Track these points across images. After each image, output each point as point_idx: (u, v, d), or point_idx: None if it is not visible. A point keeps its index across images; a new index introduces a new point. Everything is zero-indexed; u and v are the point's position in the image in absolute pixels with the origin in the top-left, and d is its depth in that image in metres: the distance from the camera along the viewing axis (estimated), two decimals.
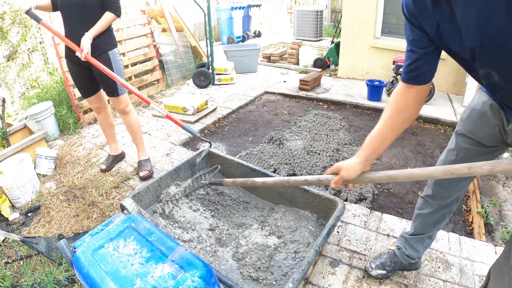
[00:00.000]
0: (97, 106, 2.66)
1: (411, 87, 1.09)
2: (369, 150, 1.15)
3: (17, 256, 1.96)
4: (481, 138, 1.20)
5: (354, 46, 4.99)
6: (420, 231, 1.56)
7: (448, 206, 1.45)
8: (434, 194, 1.44)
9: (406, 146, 3.12)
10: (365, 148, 1.15)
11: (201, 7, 4.56)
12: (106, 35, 2.34)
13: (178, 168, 2.28)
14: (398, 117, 1.12)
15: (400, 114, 1.12)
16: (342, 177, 1.15)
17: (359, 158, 1.15)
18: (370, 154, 1.15)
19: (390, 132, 1.14)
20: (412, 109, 1.12)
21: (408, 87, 1.10)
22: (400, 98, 1.12)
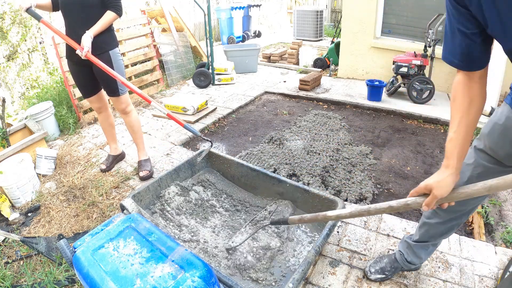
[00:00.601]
0: (98, 106, 2.66)
1: (472, 73, 1.01)
2: (457, 158, 1.03)
3: (17, 256, 1.96)
4: (502, 157, 1.12)
5: (354, 46, 4.99)
6: (425, 239, 1.51)
7: (458, 218, 1.38)
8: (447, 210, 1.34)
9: (406, 146, 3.12)
10: (452, 157, 1.03)
11: (201, 7, 4.56)
12: (107, 34, 2.33)
13: (178, 168, 2.28)
14: (471, 110, 1.03)
15: (472, 107, 1.03)
16: (436, 196, 1.00)
17: (449, 169, 1.02)
18: (459, 161, 1.04)
19: (470, 130, 1.04)
20: (480, 97, 1.03)
21: (469, 74, 1.02)
22: (466, 90, 1.03)
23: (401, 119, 3.73)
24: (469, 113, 1.03)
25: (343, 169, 2.73)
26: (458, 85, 1.05)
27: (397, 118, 3.78)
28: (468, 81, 1.03)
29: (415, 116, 3.69)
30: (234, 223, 2.05)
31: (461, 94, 1.04)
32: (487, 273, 1.70)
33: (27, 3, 2.17)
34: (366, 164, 2.81)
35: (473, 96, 1.03)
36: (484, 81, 1.03)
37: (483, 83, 1.03)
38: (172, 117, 2.29)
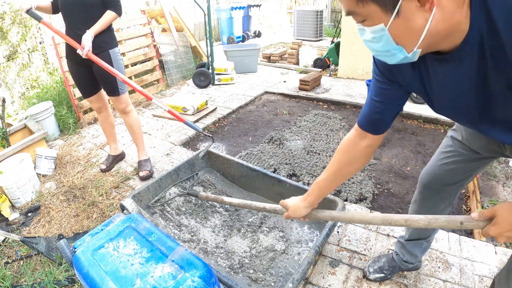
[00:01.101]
0: (98, 106, 2.66)
1: (366, 136, 1.08)
2: (314, 196, 1.23)
3: (17, 256, 1.96)
4: (479, 148, 1.16)
5: (354, 46, 4.99)
6: (416, 236, 1.53)
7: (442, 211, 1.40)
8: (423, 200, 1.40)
9: (406, 146, 3.12)
10: (311, 194, 1.23)
11: (201, 7, 4.56)
12: (107, 34, 2.34)
13: (178, 168, 2.28)
14: (344, 169, 1.16)
15: (347, 167, 1.15)
16: (289, 216, 1.28)
17: (305, 202, 1.23)
18: (316, 199, 1.23)
19: (335, 182, 1.20)
20: (359, 162, 1.14)
21: (363, 136, 1.09)
22: (350, 150, 1.13)
23: (401, 119, 3.73)
24: (343, 171, 1.16)
25: None
26: (347, 141, 1.14)
27: (397, 118, 3.73)
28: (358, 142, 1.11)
29: (415, 116, 3.68)
30: (233, 223, 2.05)
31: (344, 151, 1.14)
32: (487, 273, 1.70)
33: (27, 4, 2.17)
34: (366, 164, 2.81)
35: (354, 159, 1.13)
36: (370, 150, 1.11)
37: (369, 152, 1.12)
38: (173, 113, 2.29)
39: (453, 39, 0.71)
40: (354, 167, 1.15)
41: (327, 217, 1.24)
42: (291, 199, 1.29)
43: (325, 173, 1.19)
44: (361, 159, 1.13)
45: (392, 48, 0.73)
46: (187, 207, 2.16)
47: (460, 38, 0.70)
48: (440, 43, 0.72)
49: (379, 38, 0.72)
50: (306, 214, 1.25)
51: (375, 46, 0.75)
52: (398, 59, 0.76)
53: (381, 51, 0.76)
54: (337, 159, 1.16)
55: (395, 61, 0.77)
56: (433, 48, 0.75)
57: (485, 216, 0.82)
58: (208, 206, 2.18)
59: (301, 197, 1.26)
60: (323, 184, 1.20)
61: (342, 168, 1.16)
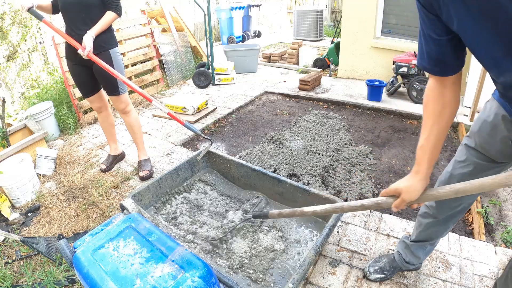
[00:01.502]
0: (98, 106, 2.66)
1: (444, 79, 1.00)
2: (427, 164, 1.05)
3: (17, 256, 1.96)
4: (494, 155, 1.12)
5: (354, 46, 4.99)
6: (423, 238, 1.51)
7: (454, 216, 1.37)
8: (439, 204, 1.36)
9: (406, 146, 3.12)
10: (423, 163, 1.05)
11: (201, 7, 4.56)
12: (107, 34, 2.34)
13: (178, 168, 2.28)
14: (442, 117, 1.03)
15: (443, 114, 1.03)
16: (404, 200, 1.05)
17: (419, 175, 1.05)
18: (429, 167, 1.06)
19: (442, 136, 1.05)
20: (453, 103, 1.02)
21: (442, 80, 1.01)
22: (438, 96, 1.02)
23: (401, 119, 3.73)
24: (441, 120, 1.03)
25: (343, 169, 2.73)
26: (430, 91, 1.04)
27: (397, 118, 3.78)
28: (440, 87, 1.02)
29: (415, 116, 3.68)
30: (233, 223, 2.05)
31: (433, 100, 1.03)
32: (487, 273, 1.70)
33: (28, 3, 2.17)
34: (366, 164, 2.81)
35: (446, 102, 1.02)
36: (457, 87, 1.02)
37: (456, 89, 1.02)
38: (173, 116, 2.29)
39: None
40: (450, 110, 1.03)
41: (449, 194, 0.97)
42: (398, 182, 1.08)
43: (425, 132, 1.05)
44: (453, 99, 1.02)
45: None
46: (187, 207, 2.16)
47: None
48: None
49: None
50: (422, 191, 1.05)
51: None
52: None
53: None
54: (430, 111, 1.04)
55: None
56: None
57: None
58: (207, 206, 2.18)
59: (410, 174, 1.09)
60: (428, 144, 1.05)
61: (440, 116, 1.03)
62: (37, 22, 4.77)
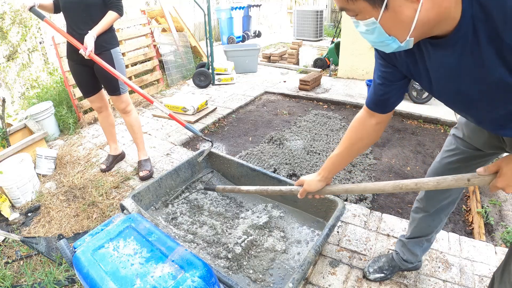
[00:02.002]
0: (98, 106, 2.66)
1: (373, 115, 1.13)
2: (328, 171, 1.28)
3: (17, 256, 1.96)
4: (480, 145, 1.17)
5: (354, 46, 4.99)
6: (417, 233, 1.53)
7: (444, 208, 1.41)
8: (427, 197, 1.42)
9: (406, 146, 3.12)
10: (325, 169, 1.28)
11: (201, 7, 4.56)
12: (109, 34, 2.34)
13: (178, 168, 2.28)
14: (356, 145, 1.20)
15: (358, 142, 1.19)
16: (305, 190, 1.31)
17: (319, 176, 1.29)
18: (330, 173, 1.28)
19: (348, 157, 1.25)
20: (370, 139, 1.18)
21: (371, 115, 1.13)
22: (360, 127, 1.17)
23: (401, 119, 3.73)
24: (354, 146, 1.20)
25: (343, 169, 2.73)
26: (357, 121, 1.18)
27: (397, 118, 3.78)
28: (367, 120, 1.15)
29: (415, 116, 3.68)
30: (233, 222, 2.05)
31: (355, 130, 1.19)
32: (487, 273, 1.70)
33: (30, 2, 2.17)
34: (366, 164, 2.81)
35: (365, 136, 1.17)
36: (380, 127, 1.15)
37: (379, 129, 1.16)
38: (174, 117, 2.29)
39: (445, 25, 0.72)
40: (364, 143, 1.19)
41: (340, 191, 1.27)
42: (306, 176, 1.34)
43: (338, 149, 1.24)
44: (371, 136, 1.17)
45: (385, 39, 0.76)
46: (187, 207, 2.16)
47: (453, 24, 0.71)
48: (433, 30, 0.74)
49: (372, 31, 0.75)
50: (320, 188, 1.29)
51: (369, 37, 0.79)
52: (392, 49, 0.79)
53: (376, 41, 0.79)
54: (348, 136, 1.21)
55: (390, 50, 0.80)
56: (427, 35, 0.76)
57: (490, 170, 0.87)
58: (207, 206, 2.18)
59: (316, 173, 1.32)
60: (336, 159, 1.25)
61: (353, 144, 1.20)
62: (37, 22, 4.77)
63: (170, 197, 2.20)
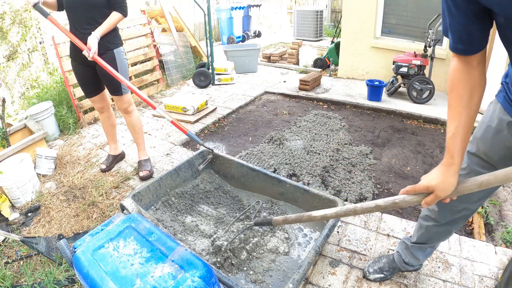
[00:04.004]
0: (100, 106, 2.66)
1: (470, 58, 0.93)
2: (461, 155, 0.98)
3: (17, 256, 1.96)
4: (496, 161, 1.08)
5: (354, 46, 4.99)
6: (423, 240, 1.50)
7: (456, 222, 1.34)
8: (441, 208, 1.33)
9: (406, 146, 3.12)
10: (457, 154, 0.97)
11: (201, 7, 4.56)
12: (112, 34, 2.34)
13: (178, 168, 2.27)
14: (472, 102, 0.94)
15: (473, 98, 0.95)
16: (439, 197, 0.97)
17: (453, 168, 0.96)
18: (462, 158, 0.99)
19: (472, 123, 0.96)
20: (481, 85, 0.95)
21: (467, 60, 0.94)
22: (465, 78, 0.94)
23: (401, 119, 3.73)
24: (471, 105, 0.95)
25: (343, 169, 2.73)
26: (456, 73, 0.96)
27: (397, 118, 3.78)
28: (467, 68, 0.95)
29: (415, 116, 3.68)
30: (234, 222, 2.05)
31: (460, 84, 0.95)
32: (487, 273, 1.70)
33: None
34: (366, 164, 2.81)
35: (474, 84, 0.94)
36: (483, 66, 0.95)
37: (483, 69, 0.95)
38: (176, 124, 2.28)
39: None
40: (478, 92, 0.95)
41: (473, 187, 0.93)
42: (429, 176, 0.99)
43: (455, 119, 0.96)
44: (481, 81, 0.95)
45: None
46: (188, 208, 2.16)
47: None
48: None
49: None
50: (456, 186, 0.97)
51: None
52: None
53: None
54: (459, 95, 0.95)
55: None
56: None
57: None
58: (208, 206, 2.18)
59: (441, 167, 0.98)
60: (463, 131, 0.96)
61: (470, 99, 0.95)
62: (37, 22, 4.77)
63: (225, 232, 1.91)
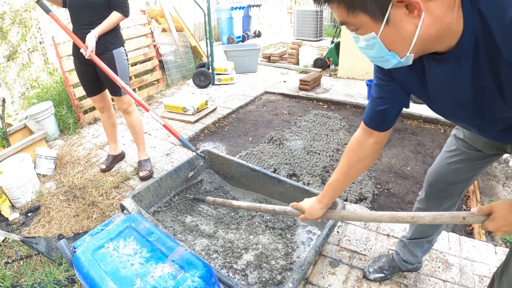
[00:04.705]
0: (101, 106, 2.66)
1: (371, 133, 1.11)
2: (329, 197, 1.28)
3: (17, 256, 1.96)
4: (481, 146, 1.16)
5: (354, 46, 4.95)
6: (418, 235, 1.53)
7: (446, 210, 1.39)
8: (428, 198, 1.42)
9: (406, 146, 3.12)
10: (326, 196, 1.29)
11: (201, 7, 4.56)
12: (112, 34, 2.34)
13: (178, 168, 2.27)
14: (354, 168, 1.19)
15: (357, 165, 1.18)
16: (306, 217, 1.34)
17: (321, 204, 1.30)
18: (330, 200, 1.29)
19: (347, 181, 1.25)
20: (368, 160, 1.17)
21: (369, 134, 1.12)
22: (358, 148, 1.16)
23: (401, 119, 3.73)
24: (352, 169, 1.19)
25: None
26: (354, 140, 1.17)
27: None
28: (365, 140, 1.14)
29: (415, 116, 3.68)
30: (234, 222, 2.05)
31: (353, 151, 1.17)
32: (487, 273, 1.70)
33: None
34: None
35: (363, 157, 1.16)
36: (378, 147, 1.14)
37: (377, 149, 1.14)
38: (169, 128, 2.28)
39: (446, 41, 0.71)
40: (363, 165, 1.19)
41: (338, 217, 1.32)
42: (304, 202, 1.34)
43: (336, 174, 1.24)
44: (369, 157, 1.16)
45: (385, 55, 0.75)
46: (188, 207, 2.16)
47: (455, 40, 0.70)
48: (433, 46, 0.73)
49: (372, 46, 0.74)
50: (321, 215, 1.31)
51: (369, 53, 0.78)
52: (392, 64, 0.78)
53: (375, 57, 0.78)
54: (346, 159, 1.20)
55: (390, 66, 0.79)
56: (427, 51, 0.75)
57: (484, 211, 0.90)
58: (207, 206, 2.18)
59: (315, 199, 1.32)
60: (335, 184, 1.25)
61: (352, 167, 1.19)
62: (37, 22, 4.77)
63: (159, 204, 2.13)
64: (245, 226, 1.99)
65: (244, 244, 1.83)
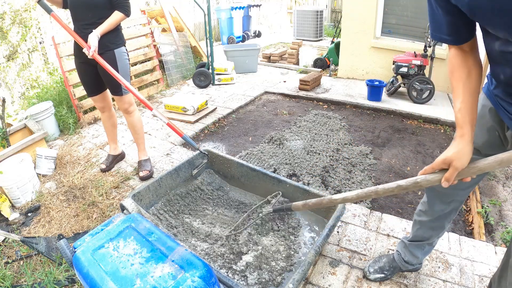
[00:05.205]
0: (102, 106, 2.66)
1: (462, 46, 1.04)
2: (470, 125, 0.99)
3: (17, 256, 1.96)
4: (480, 145, 1.15)
5: (354, 46, 4.99)
6: (419, 237, 1.53)
7: (447, 215, 1.41)
8: (429, 203, 1.41)
9: (406, 146, 3.12)
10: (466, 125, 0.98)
11: (201, 7, 4.56)
12: (114, 33, 2.34)
13: (178, 168, 2.27)
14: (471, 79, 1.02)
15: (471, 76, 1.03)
16: (457, 168, 0.95)
17: (465, 137, 0.97)
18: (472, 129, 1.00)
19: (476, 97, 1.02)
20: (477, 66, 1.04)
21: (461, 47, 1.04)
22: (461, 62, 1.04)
23: (401, 119, 3.73)
24: (470, 82, 1.02)
25: (343, 169, 2.73)
26: (453, 59, 1.06)
27: (397, 118, 3.78)
28: (462, 54, 1.04)
29: (415, 116, 3.69)
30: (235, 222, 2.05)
31: (458, 67, 1.04)
32: (487, 273, 1.70)
33: None
34: (366, 164, 2.81)
35: (470, 66, 1.03)
36: (476, 50, 1.05)
37: (476, 53, 1.05)
38: (172, 126, 2.28)
39: None
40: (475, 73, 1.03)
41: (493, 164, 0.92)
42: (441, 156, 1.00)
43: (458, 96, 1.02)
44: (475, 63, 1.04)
45: None
46: (188, 206, 2.16)
47: None
48: None
49: None
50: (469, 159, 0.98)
51: None
52: None
53: None
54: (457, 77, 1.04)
55: None
56: None
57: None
58: (208, 206, 2.18)
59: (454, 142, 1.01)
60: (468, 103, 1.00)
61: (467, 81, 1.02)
62: (37, 22, 4.77)
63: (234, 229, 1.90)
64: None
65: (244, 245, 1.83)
